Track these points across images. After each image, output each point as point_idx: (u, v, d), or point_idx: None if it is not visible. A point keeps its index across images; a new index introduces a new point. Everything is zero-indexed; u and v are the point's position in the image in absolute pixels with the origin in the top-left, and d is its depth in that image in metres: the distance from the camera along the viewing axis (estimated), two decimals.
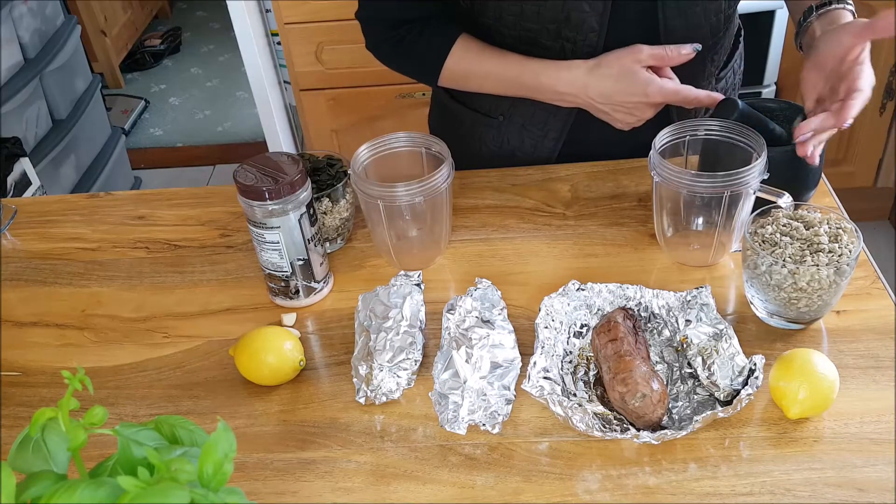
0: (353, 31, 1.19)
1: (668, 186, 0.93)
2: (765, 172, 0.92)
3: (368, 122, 2.31)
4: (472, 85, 1.13)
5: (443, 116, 1.27)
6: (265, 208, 0.91)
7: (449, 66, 1.10)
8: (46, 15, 2.46)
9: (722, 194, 0.90)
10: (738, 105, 0.96)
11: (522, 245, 1.05)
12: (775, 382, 0.80)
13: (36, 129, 2.37)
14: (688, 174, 0.92)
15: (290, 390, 0.89)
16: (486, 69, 1.09)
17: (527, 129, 1.16)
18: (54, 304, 1.05)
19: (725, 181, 0.90)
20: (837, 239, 0.86)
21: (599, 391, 0.85)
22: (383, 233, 1.00)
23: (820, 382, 0.79)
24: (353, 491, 0.79)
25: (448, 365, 0.86)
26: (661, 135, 0.97)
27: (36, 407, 0.89)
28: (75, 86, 2.59)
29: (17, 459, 0.56)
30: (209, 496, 0.51)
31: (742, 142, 0.95)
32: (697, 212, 0.96)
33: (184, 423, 0.59)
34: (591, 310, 0.91)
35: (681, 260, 1.00)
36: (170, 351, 0.96)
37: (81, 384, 0.56)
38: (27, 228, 1.19)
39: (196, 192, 1.22)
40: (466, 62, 1.10)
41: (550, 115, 1.13)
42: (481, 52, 1.09)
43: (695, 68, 1.08)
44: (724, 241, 0.97)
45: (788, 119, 1.03)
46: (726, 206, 0.92)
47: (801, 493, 0.74)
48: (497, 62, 1.08)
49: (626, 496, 0.76)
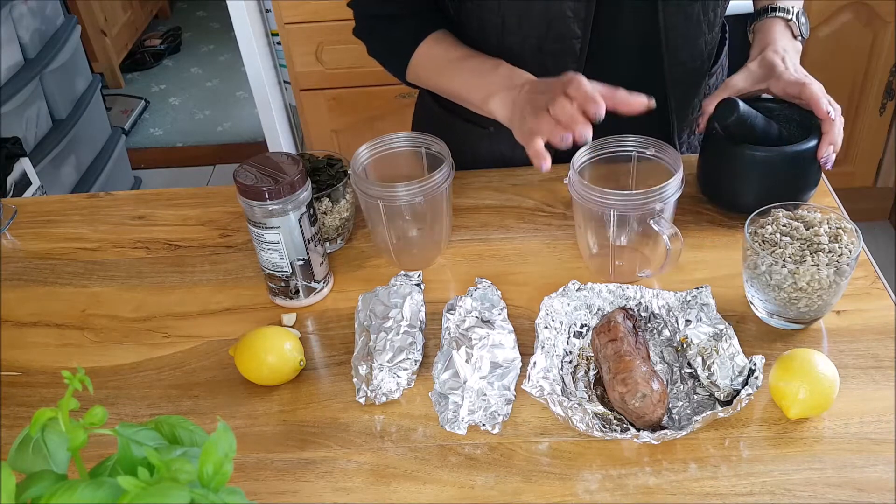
0: None
1: (584, 204, 0.92)
2: (681, 189, 0.91)
3: (368, 122, 2.31)
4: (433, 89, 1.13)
5: (432, 125, 1.25)
6: (265, 208, 0.91)
7: (412, 64, 1.09)
8: (46, 15, 2.46)
9: (634, 213, 0.90)
10: (739, 105, 0.96)
11: (522, 245, 1.05)
12: (775, 382, 0.80)
13: (36, 129, 2.37)
14: (601, 192, 0.90)
15: (290, 390, 0.89)
16: (434, 83, 1.09)
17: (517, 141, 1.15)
18: (54, 304, 1.05)
19: (642, 198, 0.89)
20: (837, 239, 0.86)
21: (599, 391, 0.85)
22: (383, 233, 1.00)
23: (820, 382, 0.79)
24: (353, 491, 0.79)
25: (448, 365, 0.86)
26: (578, 154, 0.96)
27: (36, 407, 0.88)
28: (75, 86, 2.59)
29: (17, 459, 0.56)
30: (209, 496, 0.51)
31: (660, 158, 0.95)
32: (619, 229, 0.94)
33: (184, 423, 0.59)
34: (591, 310, 0.91)
35: (605, 276, 0.98)
36: (170, 351, 0.96)
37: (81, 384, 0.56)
38: (27, 228, 1.19)
39: (196, 192, 1.22)
40: (423, 68, 1.09)
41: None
42: (437, 59, 1.07)
43: (693, 69, 1.08)
44: (649, 255, 0.97)
45: (788, 119, 1.03)
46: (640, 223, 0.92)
47: (801, 493, 0.74)
48: (443, 77, 1.07)
49: (626, 496, 0.76)
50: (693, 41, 1.07)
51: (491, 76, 1.00)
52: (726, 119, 0.97)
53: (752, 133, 0.98)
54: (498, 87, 0.99)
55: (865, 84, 2.18)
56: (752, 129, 0.98)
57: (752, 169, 1.00)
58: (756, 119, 0.99)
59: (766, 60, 1.01)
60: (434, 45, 1.08)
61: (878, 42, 2.11)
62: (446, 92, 1.09)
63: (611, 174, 0.98)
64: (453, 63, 1.05)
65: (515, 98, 0.96)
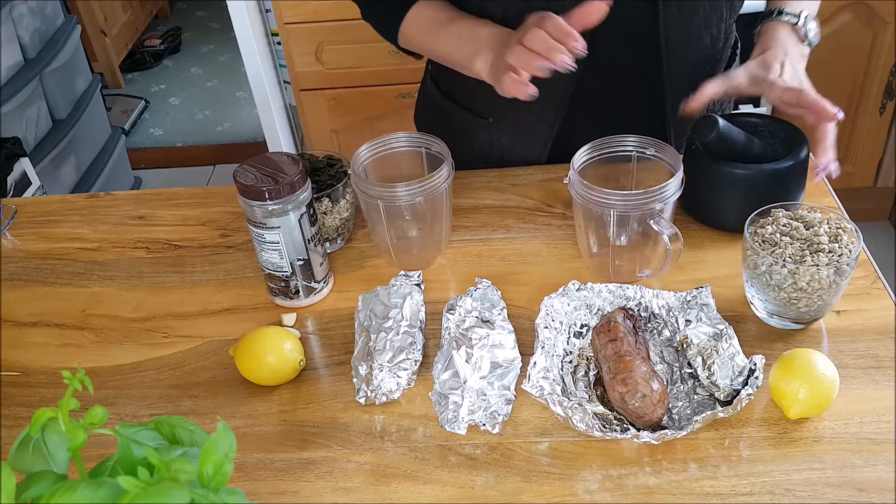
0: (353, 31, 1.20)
1: (584, 204, 0.92)
2: (681, 189, 0.91)
3: (368, 122, 2.31)
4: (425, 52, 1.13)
5: (433, 114, 1.26)
6: (265, 208, 0.91)
7: (404, 27, 1.09)
8: (46, 15, 2.46)
9: (634, 213, 0.90)
10: (718, 122, 0.94)
11: (522, 245, 1.05)
12: (775, 382, 0.80)
13: (36, 129, 2.37)
14: (601, 192, 0.90)
15: (290, 390, 0.89)
16: (424, 45, 1.10)
17: (516, 133, 1.16)
18: (54, 304, 1.05)
19: (642, 198, 0.89)
20: (837, 239, 0.86)
21: (599, 391, 0.85)
22: (383, 233, 1.00)
23: (820, 382, 0.79)
24: (353, 491, 0.79)
25: (448, 365, 0.86)
26: (578, 154, 0.96)
27: (36, 407, 0.88)
28: (75, 86, 2.59)
29: (17, 459, 0.56)
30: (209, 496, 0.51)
31: (660, 158, 0.95)
32: (619, 229, 0.94)
33: (184, 423, 0.59)
34: (591, 310, 0.91)
35: (605, 276, 0.98)
36: (170, 351, 0.96)
37: (81, 384, 0.56)
38: (27, 228, 1.19)
39: (196, 192, 1.22)
40: (413, 31, 1.09)
41: (536, 121, 1.12)
42: (427, 21, 1.07)
43: (694, 71, 1.08)
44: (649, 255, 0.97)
45: (772, 134, 1.02)
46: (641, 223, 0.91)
47: (801, 493, 0.74)
48: (431, 39, 1.07)
49: (626, 496, 0.76)
50: (694, 41, 1.06)
51: (477, 35, 1.01)
52: (706, 136, 0.96)
53: (733, 150, 0.97)
54: (483, 44, 0.99)
55: (865, 84, 2.18)
56: (733, 146, 0.97)
57: (732, 186, 0.98)
58: (737, 136, 0.98)
59: (764, 62, 1.00)
60: (425, 7, 1.08)
61: (878, 42, 2.11)
62: (435, 54, 1.10)
63: (611, 174, 0.98)
64: (443, 25, 1.06)
65: (498, 53, 0.96)
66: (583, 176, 0.94)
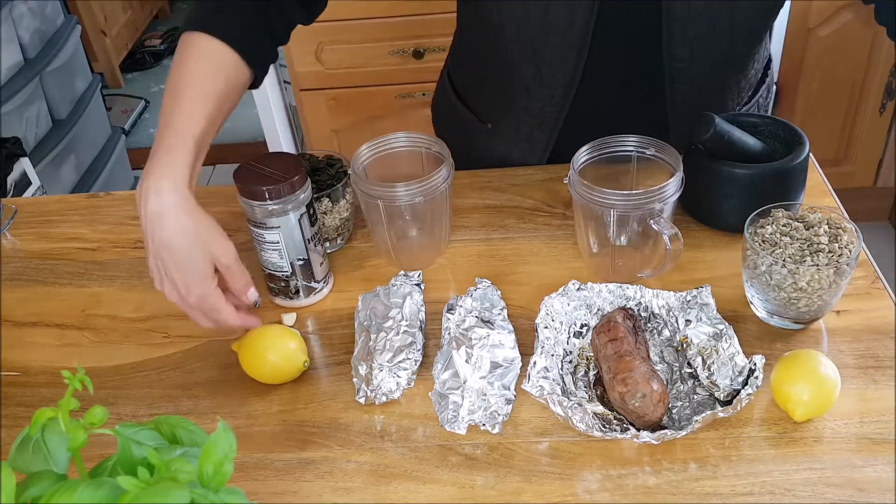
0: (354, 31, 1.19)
1: (584, 204, 0.92)
2: (681, 188, 0.91)
3: (368, 122, 2.31)
4: None
5: (448, 112, 1.26)
6: (265, 208, 0.91)
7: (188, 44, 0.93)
8: (46, 15, 2.46)
9: (635, 213, 0.90)
10: (715, 121, 0.94)
11: (522, 245, 1.05)
12: (779, 385, 0.80)
13: (36, 129, 2.37)
14: (601, 192, 0.90)
15: (290, 390, 0.89)
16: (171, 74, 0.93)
17: (514, 140, 1.16)
18: (54, 304, 1.05)
19: (642, 198, 0.89)
20: (837, 239, 0.86)
21: (599, 391, 0.85)
22: (383, 233, 1.00)
23: (824, 384, 0.79)
24: (353, 491, 0.79)
25: (448, 365, 0.86)
26: (578, 154, 0.96)
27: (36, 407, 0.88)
28: (75, 86, 2.59)
29: (17, 459, 0.56)
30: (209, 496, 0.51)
31: (660, 158, 0.95)
32: (619, 229, 0.94)
33: (184, 423, 0.59)
34: (591, 310, 0.91)
35: (605, 276, 0.98)
36: (170, 351, 0.96)
37: (81, 384, 0.56)
38: (27, 228, 1.19)
39: (196, 192, 1.22)
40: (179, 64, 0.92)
41: (535, 129, 1.12)
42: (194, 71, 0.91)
43: (720, 94, 1.06)
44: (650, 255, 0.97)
45: (772, 135, 1.02)
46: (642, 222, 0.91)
47: (801, 493, 0.74)
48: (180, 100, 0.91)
49: (626, 496, 0.76)
50: (700, 45, 1.04)
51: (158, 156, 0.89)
52: (702, 135, 0.95)
53: (731, 149, 0.97)
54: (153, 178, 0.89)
55: (865, 84, 2.17)
56: (730, 145, 0.97)
57: (732, 186, 0.98)
58: (735, 135, 0.97)
59: None
60: (212, 54, 0.91)
61: (878, 42, 2.11)
62: (169, 90, 0.93)
63: (611, 174, 0.98)
64: (200, 95, 0.90)
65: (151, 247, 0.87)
66: (583, 176, 0.94)
